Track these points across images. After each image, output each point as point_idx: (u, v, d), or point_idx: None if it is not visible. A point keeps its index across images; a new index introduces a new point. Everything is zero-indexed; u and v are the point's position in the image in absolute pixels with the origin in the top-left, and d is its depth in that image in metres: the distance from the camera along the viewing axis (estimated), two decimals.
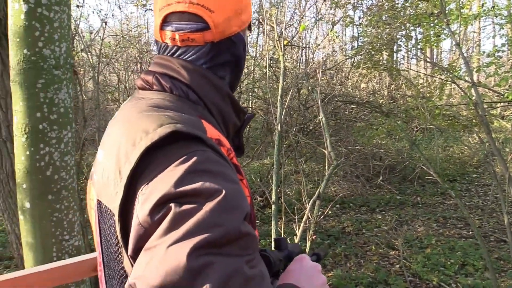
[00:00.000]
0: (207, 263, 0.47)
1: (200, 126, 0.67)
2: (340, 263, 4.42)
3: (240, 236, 0.52)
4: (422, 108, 5.43)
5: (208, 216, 0.51)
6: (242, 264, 0.50)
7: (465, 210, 3.61)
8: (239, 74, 0.88)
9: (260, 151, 7.68)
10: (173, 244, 0.49)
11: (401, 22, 6.27)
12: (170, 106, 0.72)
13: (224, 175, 0.59)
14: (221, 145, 0.69)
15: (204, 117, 0.74)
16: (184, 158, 0.58)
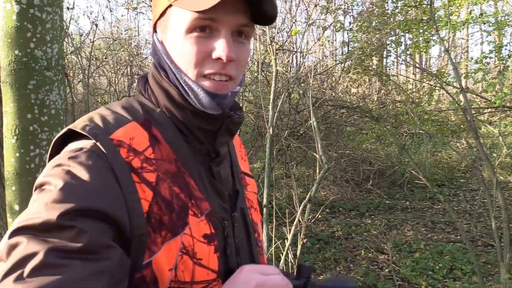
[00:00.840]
0: (18, 242, 0.54)
1: (111, 128, 0.69)
2: (330, 267, 4.43)
3: (58, 227, 0.56)
4: (412, 113, 5.49)
5: (36, 205, 0.59)
6: (46, 251, 0.53)
7: (454, 215, 3.65)
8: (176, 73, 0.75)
9: (251, 155, 7.68)
10: (13, 225, 0.58)
11: (391, 28, 6.34)
12: (124, 107, 0.75)
13: (74, 174, 0.61)
14: (130, 150, 0.68)
15: (153, 121, 0.74)
16: (61, 155, 0.67)
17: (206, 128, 0.77)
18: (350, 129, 7.34)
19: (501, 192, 3.12)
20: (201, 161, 0.78)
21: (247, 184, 0.92)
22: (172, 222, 0.68)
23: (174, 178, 0.71)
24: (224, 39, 0.70)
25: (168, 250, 0.67)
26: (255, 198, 0.94)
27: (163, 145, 0.73)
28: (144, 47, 12.79)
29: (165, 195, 0.68)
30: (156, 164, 0.70)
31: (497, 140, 7.68)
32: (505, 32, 11.81)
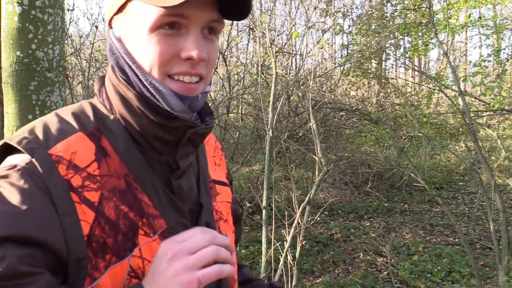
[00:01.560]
0: None
1: (51, 141, 0.64)
2: (329, 269, 4.44)
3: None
4: (411, 116, 5.51)
5: None
6: None
7: (452, 217, 3.66)
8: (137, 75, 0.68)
9: (250, 157, 7.69)
10: None
11: (390, 31, 6.37)
12: (74, 114, 0.70)
13: (2, 197, 0.59)
14: (71, 166, 0.63)
15: (105, 129, 0.68)
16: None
17: (166, 138, 0.69)
18: (349, 131, 7.36)
19: (499, 195, 3.13)
20: (160, 173, 0.71)
21: (218, 194, 0.85)
22: (117, 245, 0.63)
23: (122, 195, 0.65)
24: (194, 37, 0.65)
25: (113, 274, 0.62)
26: (227, 208, 0.87)
27: (112, 158, 0.66)
28: None
29: (110, 216, 0.63)
30: (100, 181, 0.64)
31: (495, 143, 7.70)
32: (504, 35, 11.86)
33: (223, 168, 0.93)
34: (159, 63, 0.65)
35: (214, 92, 10.19)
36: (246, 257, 4.50)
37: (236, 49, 11.84)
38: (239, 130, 8.36)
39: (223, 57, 8.29)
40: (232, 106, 8.64)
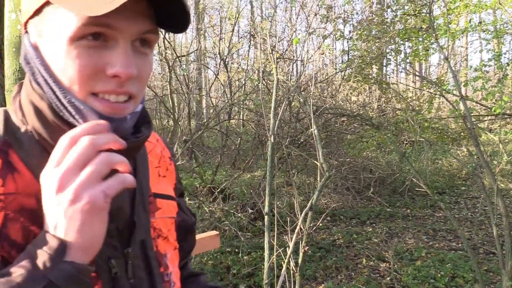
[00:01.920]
0: None
1: None
2: (331, 275, 4.42)
3: None
4: (412, 121, 5.51)
5: None
6: None
7: (455, 222, 3.65)
8: (58, 87, 0.58)
9: (251, 163, 7.69)
10: None
11: (391, 37, 6.38)
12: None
13: None
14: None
15: (15, 143, 0.60)
16: None
17: None
18: (350, 137, 7.36)
19: (502, 199, 3.12)
20: None
21: (158, 209, 0.76)
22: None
23: (32, 215, 0.57)
24: (123, 51, 0.57)
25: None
26: (169, 224, 0.79)
27: (22, 174, 0.58)
28: None
29: (16, 238, 0.56)
30: (4, 201, 0.56)
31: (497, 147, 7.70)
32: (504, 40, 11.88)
33: (170, 179, 0.84)
34: (80, 80, 0.56)
35: (216, 99, 10.21)
36: (248, 264, 4.49)
37: (237, 55, 11.88)
38: (240, 136, 8.38)
39: (224, 63, 8.32)
40: (234, 112, 8.66)
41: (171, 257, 0.78)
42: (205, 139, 12.73)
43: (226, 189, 6.36)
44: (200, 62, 11.27)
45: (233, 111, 8.64)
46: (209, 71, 12.54)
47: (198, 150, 9.55)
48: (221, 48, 8.78)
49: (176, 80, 8.83)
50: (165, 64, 8.70)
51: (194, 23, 11.87)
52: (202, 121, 8.80)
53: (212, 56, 10.75)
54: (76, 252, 0.53)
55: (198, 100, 11.84)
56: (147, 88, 9.99)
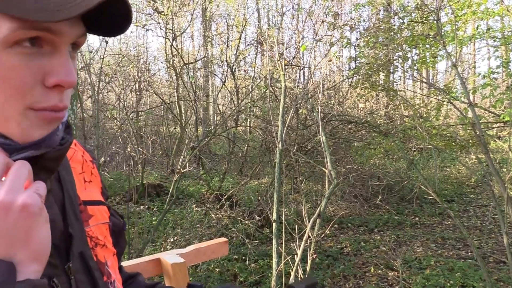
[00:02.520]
0: None
1: None
2: (339, 284, 4.38)
3: None
4: (420, 128, 5.48)
5: None
6: None
7: (464, 231, 3.61)
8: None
9: (258, 170, 7.68)
10: None
11: (398, 44, 6.37)
12: None
13: None
14: None
15: None
16: None
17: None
18: (358, 144, 7.33)
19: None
20: None
21: (90, 217, 0.72)
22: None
23: None
24: (65, 58, 0.52)
25: None
26: (104, 230, 0.75)
27: None
28: (152, 63, 12.96)
29: None
30: None
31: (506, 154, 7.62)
32: None
33: (96, 183, 0.79)
34: (16, 93, 0.50)
35: (223, 106, 10.23)
36: (255, 271, 4.46)
37: (244, 63, 11.93)
38: (247, 143, 8.38)
39: (231, 70, 8.35)
40: (241, 119, 8.67)
41: (112, 264, 0.75)
42: (212, 146, 12.76)
43: (233, 196, 6.35)
44: (207, 69, 11.33)
45: (240, 118, 8.66)
46: (216, 78, 12.59)
47: (205, 157, 9.57)
48: (228, 55, 8.82)
49: (183, 87, 8.88)
50: (173, 71, 8.76)
51: (202, 31, 11.94)
52: (209, 128, 8.82)
53: (219, 64, 10.80)
54: (27, 265, 0.49)
55: (205, 107, 11.89)
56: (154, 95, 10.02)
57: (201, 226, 5.62)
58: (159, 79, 12.78)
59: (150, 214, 6.60)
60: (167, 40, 7.82)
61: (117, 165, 9.62)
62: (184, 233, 5.39)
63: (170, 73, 11.35)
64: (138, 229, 5.58)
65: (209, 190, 7.20)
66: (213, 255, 1.41)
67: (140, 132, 9.82)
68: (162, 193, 7.56)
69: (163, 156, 10.66)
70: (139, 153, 6.55)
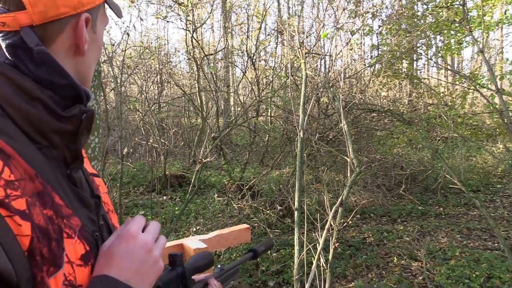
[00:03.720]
0: None
1: None
2: (361, 274, 4.36)
3: None
4: (445, 116, 5.35)
5: None
6: None
7: (491, 221, 3.53)
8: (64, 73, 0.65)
9: (280, 160, 7.67)
10: None
11: (422, 30, 6.22)
12: None
13: None
14: None
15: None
16: None
17: (66, 129, 0.64)
18: (380, 133, 7.23)
19: None
20: (59, 169, 0.65)
21: (98, 186, 0.80)
22: (53, 253, 0.56)
23: (42, 198, 0.57)
24: None
25: (54, 287, 0.56)
26: (109, 199, 0.84)
27: (17, 159, 0.56)
28: (173, 55, 13.04)
29: (40, 223, 0.55)
30: (20, 187, 0.54)
31: None
32: None
33: (87, 161, 0.87)
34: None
35: (243, 96, 10.23)
36: (277, 261, 4.48)
37: (264, 53, 11.87)
38: (268, 133, 8.37)
39: (252, 61, 8.33)
40: (262, 110, 8.65)
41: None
42: (233, 137, 12.79)
43: (254, 186, 6.36)
44: (228, 60, 11.32)
45: (261, 108, 8.64)
46: (237, 69, 12.58)
47: (226, 148, 9.61)
48: (248, 45, 8.79)
49: (204, 78, 8.90)
50: (193, 62, 8.79)
51: (222, 22, 11.92)
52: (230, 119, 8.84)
53: (239, 54, 10.78)
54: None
55: (226, 98, 11.90)
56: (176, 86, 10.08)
57: (223, 216, 5.66)
58: (180, 71, 12.85)
59: (172, 204, 6.69)
60: (188, 32, 7.84)
61: (140, 156, 9.75)
62: (206, 223, 5.44)
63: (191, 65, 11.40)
64: (161, 218, 5.66)
65: (230, 180, 7.24)
66: (236, 241, 1.42)
67: (162, 123, 9.92)
68: (184, 183, 7.64)
69: (185, 147, 10.76)
70: (162, 144, 6.63)
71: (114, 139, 7.78)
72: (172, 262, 0.84)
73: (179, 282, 0.84)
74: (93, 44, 0.72)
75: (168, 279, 0.81)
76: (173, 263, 0.84)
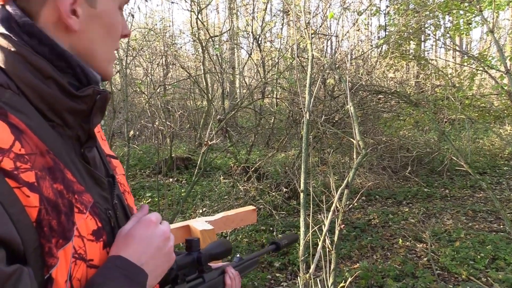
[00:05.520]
0: None
1: None
2: (367, 255, 4.39)
3: None
4: (453, 98, 5.30)
5: None
6: None
7: (497, 203, 3.52)
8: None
9: (285, 142, 7.66)
10: None
11: (430, 10, 6.11)
12: None
13: None
14: None
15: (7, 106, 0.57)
16: None
17: (79, 108, 0.65)
18: (387, 115, 7.18)
19: None
20: (72, 148, 0.66)
21: (115, 167, 0.82)
22: (62, 226, 0.58)
23: (52, 173, 0.59)
24: (124, 17, 0.75)
25: (63, 258, 0.58)
26: (125, 180, 0.85)
27: (29, 135, 0.58)
28: (178, 37, 12.93)
29: (49, 196, 0.57)
30: (30, 160, 0.56)
31: None
32: None
33: (106, 142, 0.89)
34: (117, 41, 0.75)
35: (249, 78, 10.17)
36: None
37: (270, 34, 11.75)
38: (274, 115, 8.34)
39: (257, 42, 8.25)
40: (267, 91, 8.61)
41: (135, 211, 0.84)
42: (239, 119, 12.78)
43: (260, 168, 6.38)
44: (233, 41, 11.23)
45: (266, 90, 8.59)
46: (242, 50, 12.48)
47: (232, 130, 9.61)
48: (254, 27, 8.69)
49: (210, 60, 8.85)
50: (198, 44, 8.72)
51: (227, 3, 11.78)
52: (236, 101, 8.81)
53: (245, 36, 10.67)
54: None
55: (232, 80, 11.85)
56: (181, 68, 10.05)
57: (229, 198, 5.69)
58: (185, 53, 12.77)
59: (179, 186, 6.73)
60: (193, 13, 7.76)
61: (146, 138, 9.78)
62: (212, 205, 5.48)
63: (196, 47, 11.32)
64: (168, 200, 5.71)
65: (236, 163, 7.25)
66: (242, 223, 1.43)
67: (168, 106, 9.91)
68: (190, 165, 7.68)
69: (190, 129, 10.77)
70: (167, 126, 6.63)
71: (120, 122, 7.80)
72: (189, 247, 0.85)
73: (195, 266, 0.85)
74: (93, 20, 0.67)
75: (184, 263, 0.82)
76: (190, 248, 0.85)
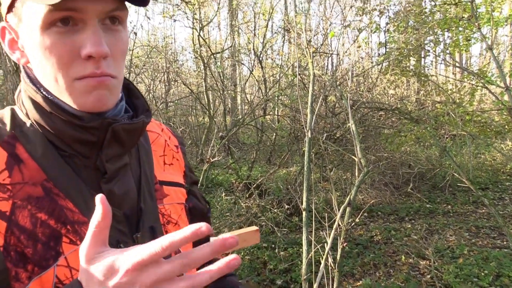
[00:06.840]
0: None
1: None
2: (369, 272, 4.36)
3: None
4: (453, 114, 5.32)
5: None
6: None
7: (500, 219, 3.51)
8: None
9: (287, 159, 7.67)
10: None
11: (430, 27, 6.18)
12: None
13: None
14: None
15: (21, 136, 0.64)
16: None
17: (87, 139, 0.64)
18: (388, 131, 7.20)
19: None
20: (88, 178, 0.66)
21: (166, 196, 0.79)
22: (38, 254, 0.59)
23: (39, 203, 0.60)
24: (92, 31, 0.58)
25: (38, 286, 0.58)
26: (178, 210, 0.81)
27: (27, 164, 0.62)
28: (180, 54, 13.06)
29: (25, 225, 0.59)
30: (12, 190, 0.59)
31: None
32: None
33: (178, 166, 0.86)
34: (61, 68, 0.60)
35: (251, 95, 10.23)
36: (285, 259, 4.49)
37: (271, 51, 11.86)
38: (276, 132, 8.37)
39: (259, 59, 8.33)
40: (269, 108, 8.66)
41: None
42: (241, 136, 12.81)
43: (262, 184, 6.38)
44: (235, 58, 11.33)
45: (268, 107, 8.64)
46: (244, 67, 12.59)
47: (234, 146, 9.63)
48: (255, 44, 8.79)
49: (211, 77, 8.92)
50: (200, 61, 8.81)
51: (228, 20, 11.92)
52: (238, 118, 8.85)
53: (246, 53, 10.77)
54: None
55: (233, 96, 11.91)
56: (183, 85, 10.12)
57: (231, 215, 5.68)
58: (187, 70, 12.88)
59: None
60: (195, 30, 7.85)
61: None
62: (214, 222, 5.47)
63: (198, 63, 11.42)
64: None
65: (238, 179, 7.25)
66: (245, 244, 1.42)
67: (170, 122, 9.96)
68: None
69: (192, 146, 10.79)
70: None
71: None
72: None
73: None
74: (33, 49, 0.62)
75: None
76: None
